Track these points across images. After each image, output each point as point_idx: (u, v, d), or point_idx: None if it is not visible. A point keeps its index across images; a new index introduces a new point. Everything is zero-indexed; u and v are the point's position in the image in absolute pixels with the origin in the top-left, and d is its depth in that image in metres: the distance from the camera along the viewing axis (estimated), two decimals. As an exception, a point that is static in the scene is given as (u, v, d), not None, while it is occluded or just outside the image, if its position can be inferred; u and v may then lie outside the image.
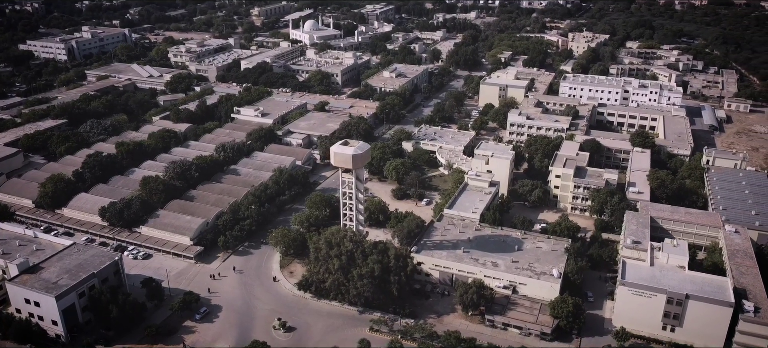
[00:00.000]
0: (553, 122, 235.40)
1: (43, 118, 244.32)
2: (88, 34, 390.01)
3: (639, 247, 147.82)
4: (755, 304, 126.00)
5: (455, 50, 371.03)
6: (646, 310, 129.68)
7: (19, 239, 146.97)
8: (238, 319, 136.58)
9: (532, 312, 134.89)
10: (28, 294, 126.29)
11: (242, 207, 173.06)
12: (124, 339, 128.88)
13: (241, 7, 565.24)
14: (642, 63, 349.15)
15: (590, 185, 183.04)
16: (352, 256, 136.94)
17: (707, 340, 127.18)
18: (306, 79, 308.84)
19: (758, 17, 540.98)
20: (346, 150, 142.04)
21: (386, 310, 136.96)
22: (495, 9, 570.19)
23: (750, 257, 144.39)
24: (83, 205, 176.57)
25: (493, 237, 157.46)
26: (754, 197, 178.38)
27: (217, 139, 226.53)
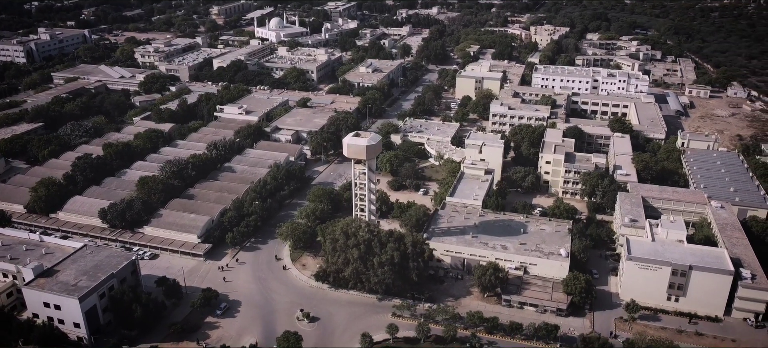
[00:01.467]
0: (534, 111, 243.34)
1: (17, 122, 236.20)
2: (46, 35, 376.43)
3: (636, 224, 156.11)
4: (751, 271, 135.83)
5: (425, 45, 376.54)
6: (652, 282, 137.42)
7: (25, 243, 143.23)
8: (260, 313, 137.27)
9: (545, 290, 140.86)
10: (48, 297, 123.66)
11: (245, 203, 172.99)
12: (146, 338, 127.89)
13: (199, 6, 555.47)
14: (605, 53, 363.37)
15: (580, 169, 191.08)
16: (369, 245, 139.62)
17: (709, 307, 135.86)
18: (282, 76, 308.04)
19: (702, 9, 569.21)
20: (359, 141, 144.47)
21: (404, 297, 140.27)
22: (454, 4, 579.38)
23: (738, 230, 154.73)
24: (80, 208, 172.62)
25: (497, 222, 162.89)
26: (730, 175, 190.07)
27: (203, 137, 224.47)
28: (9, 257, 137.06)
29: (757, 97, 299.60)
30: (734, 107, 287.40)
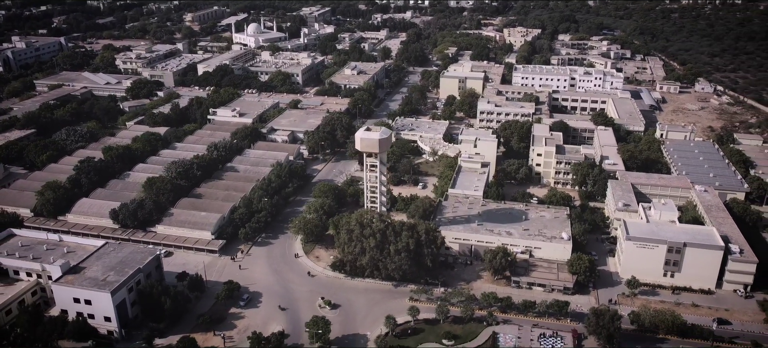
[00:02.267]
0: (520, 108, 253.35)
1: (8, 129, 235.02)
2: (22, 43, 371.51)
3: (629, 208, 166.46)
4: (739, 247, 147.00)
5: (404, 48, 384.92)
6: (649, 260, 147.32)
7: (45, 244, 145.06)
8: (284, 300, 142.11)
9: (551, 271, 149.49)
10: (79, 293, 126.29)
11: (253, 200, 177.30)
12: (173, 330, 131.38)
13: (172, 13, 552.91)
14: (578, 53, 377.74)
15: (571, 160, 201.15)
16: (384, 234, 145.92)
17: (702, 281, 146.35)
18: (268, 80, 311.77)
19: (662, 10, 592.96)
20: (372, 135, 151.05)
21: (419, 282, 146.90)
22: (426, 9, 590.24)
23: (723, 210, 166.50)
24: (88, 210, 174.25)
25: (499, 210, 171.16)
26: (708, 162, 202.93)
27: (200, 139, 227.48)
28: (31, 257, 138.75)
29: (723, 92, 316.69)
30: (703, 101, 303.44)
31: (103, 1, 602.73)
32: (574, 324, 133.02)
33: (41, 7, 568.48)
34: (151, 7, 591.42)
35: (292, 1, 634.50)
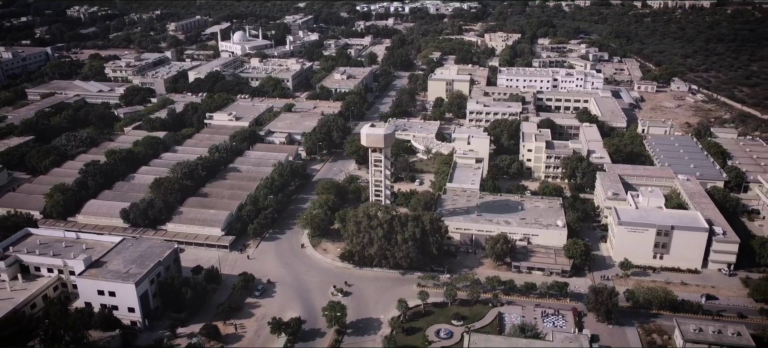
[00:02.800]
0: (507, 107, 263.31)
1: (7, 136, 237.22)
2: (8, 54, 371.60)
3: (619, 197, 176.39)
4: (722, 229, 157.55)
5: (390, 53, 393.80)
6: (639, 243, 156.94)
7: (64, 241, 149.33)
8: (295, 292, 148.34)
9: (549, 256, 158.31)
10: (103, 285, 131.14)
11: (259, 198, 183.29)
12: (194, 320, 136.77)
13: (155, 23, 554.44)
14: (558, 56, 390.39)
15: (560, 154, 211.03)
16: (391, 225, 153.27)
17: (689, 261, 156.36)
18: (259, 85, 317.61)
19: (635, 15, 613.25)
20: (377, 131, 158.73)
21: (425, 270, 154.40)
22: (407, 15, 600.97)
23: (705, 197, 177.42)
24: (98, 210, 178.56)
25: (496, 202, 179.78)
26: (688, 154, 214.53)
27: (199, 143, 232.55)
28: (51, 254, 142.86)
29: (697, 90, 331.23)
30: (679, 99, 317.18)
31: (83, 12, 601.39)
32: (574, 303, 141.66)
33: (21, 18, 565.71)
34: (132, 17, 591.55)
35: (274, 10, 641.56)
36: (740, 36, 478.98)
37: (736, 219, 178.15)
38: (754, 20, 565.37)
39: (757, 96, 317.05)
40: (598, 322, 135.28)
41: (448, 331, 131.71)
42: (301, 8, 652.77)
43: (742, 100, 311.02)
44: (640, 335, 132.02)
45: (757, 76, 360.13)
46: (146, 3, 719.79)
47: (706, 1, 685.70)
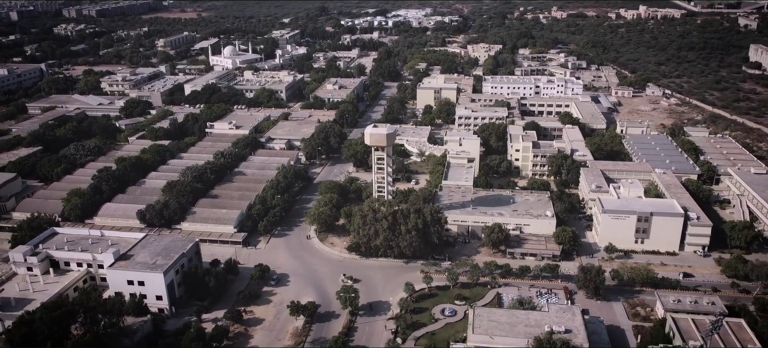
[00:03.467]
0: (493, 112, 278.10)
1: (15, 147, 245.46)
2: (3, 70, 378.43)
3: (602, 189, 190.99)
4: (696, 214, 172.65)
5: (378, 64, 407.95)
6: (622, 229, 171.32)
7: (90, 238, 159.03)
8: (308, 280, 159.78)
9: (540, 243, 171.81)
10: (133, 275, 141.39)
11: (267, 198, 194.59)
12: (216, 307, 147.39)
13: (143, 40, 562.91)
14: (538, 65, 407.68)
15: (546, 153, 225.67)
16: (395, 217, 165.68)
17: (667, 244, 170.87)
18: (254, 96, 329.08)
19: (610, 25, 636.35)
20: (380, 130, 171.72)
21: (427, 258, 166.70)
22: (391, 29, 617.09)
23: (680, 187, 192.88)
24: (114, 213, 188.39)
25: (489, 196, 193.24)
26: (663, 151, 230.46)
27: (203, 150, 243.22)
28: (80, 249, 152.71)
29: (671, 94, 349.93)
30: (654, 103, 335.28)
31: (71, 30, 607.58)
32: (565, 283, 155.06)
33: (9, 36, 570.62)
34: (120, 34, 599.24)
35: (259, 26, 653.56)
36: (710, 44, 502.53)
37: (708, 207, 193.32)
38: (722, 29, 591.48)
39: (726, 99, 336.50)
40: (587, 299, 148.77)
41: (452, 310, 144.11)
42: (286, 24, 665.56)
43: (713, 102, 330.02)
44: (625, 309, 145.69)
45: (726, 80, 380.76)
46: (132, 20, 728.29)
47: (677, 12, 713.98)
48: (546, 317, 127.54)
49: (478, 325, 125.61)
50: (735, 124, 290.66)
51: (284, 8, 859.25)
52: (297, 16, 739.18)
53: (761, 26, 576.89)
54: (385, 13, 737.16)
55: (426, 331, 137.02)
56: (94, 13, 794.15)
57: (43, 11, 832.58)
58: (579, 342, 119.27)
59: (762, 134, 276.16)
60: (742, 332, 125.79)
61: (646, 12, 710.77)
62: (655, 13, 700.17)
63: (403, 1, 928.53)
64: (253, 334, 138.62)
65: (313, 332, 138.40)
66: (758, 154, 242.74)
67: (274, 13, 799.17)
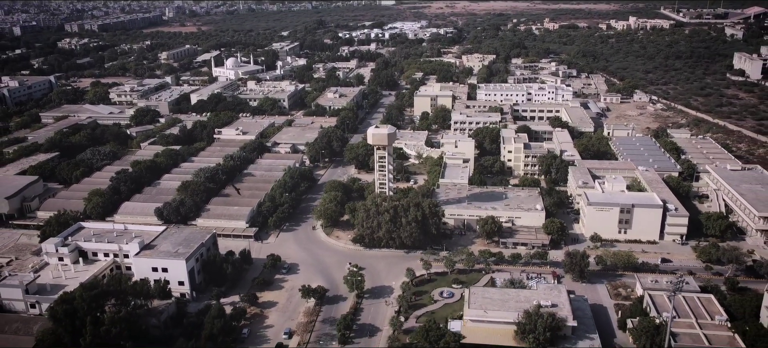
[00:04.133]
0: (487, 117, 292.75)
1: (33, 153, 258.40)
2: (14, 82, 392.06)
3: (588, 185, 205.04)
4: (674, 206, 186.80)
5: (376, 74, 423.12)
6: (606, 221, 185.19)
7: (115, 231, 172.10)
8: (317, 269, 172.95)
9: (530, 233, 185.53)
10: (157, 262, 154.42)
11: (275, 196, 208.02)
12: (232, 292, 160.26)
13: (146, 53, 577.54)
14: (530, 73, 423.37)
15: (537, 154, 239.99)
16: (396, 211, 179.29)
17: (648, 234, 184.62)
18: (258, 105, 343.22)
19: (600, 36, 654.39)
20: (381, 130, 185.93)
21: (425, 249, 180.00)
22: (387, 41, 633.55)
23: (661, 183, 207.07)
24: (133, 210, 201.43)
25: (483, 193, 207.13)
26: (647, 151, 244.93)
27: (212, 154, 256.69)
28: (106, 241, 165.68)
29: (657, 100, 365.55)
30: (641, 109, 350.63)
31: (76, 44, 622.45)
32: (553, 268, 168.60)
33: (15, 50, 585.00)
34: (123, 47, 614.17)
35: (259, 39, 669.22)
36: (696, 53, 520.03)
37: (688, 202, 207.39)
38: (709, 39, 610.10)
39: (709, 104, 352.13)
40: (573, 281, 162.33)
41: (449, 292, 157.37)
42: (285, 36, 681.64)
43: (697, 107, 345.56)
44: (608, 290, 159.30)
45: (710, 87, 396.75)
46: (133, 34, 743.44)
47: (666, 22, 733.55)
48: (534, 294, 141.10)
49: (473, 302, 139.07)
50: (717, 126, 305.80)
51: (282, 22, 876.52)
52: (295, 29, 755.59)
53: (746, 35, 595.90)
54: (381, 25, 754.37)
55: (426, 310, 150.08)
56: (96, 27, 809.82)
57: (46, 26, 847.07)
58: (564, 314, 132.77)
59: (742, 136, 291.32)
60: (711, 305, 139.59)
61: (635, 23, 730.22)
62: (645, 24, 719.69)
63: (399, 13, 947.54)
64: (268, 315, 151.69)
65: (323, 313, 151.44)
66: (737, 154, 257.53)
67: (272, 26, 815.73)
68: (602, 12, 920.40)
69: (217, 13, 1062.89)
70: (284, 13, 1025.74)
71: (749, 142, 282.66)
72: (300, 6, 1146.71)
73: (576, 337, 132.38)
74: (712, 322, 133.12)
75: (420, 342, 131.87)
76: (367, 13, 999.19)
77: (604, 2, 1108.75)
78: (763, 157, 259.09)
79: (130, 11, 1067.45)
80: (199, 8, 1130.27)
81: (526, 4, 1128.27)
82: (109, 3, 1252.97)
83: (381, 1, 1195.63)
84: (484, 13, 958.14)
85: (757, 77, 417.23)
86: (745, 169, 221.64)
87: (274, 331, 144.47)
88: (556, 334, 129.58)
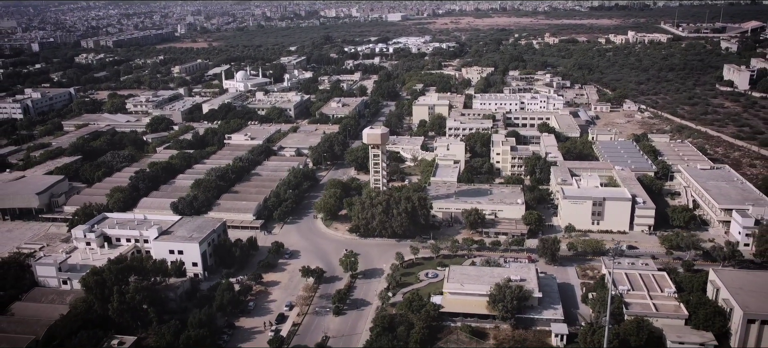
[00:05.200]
0: (480, 124, 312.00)
1: (58, 156, 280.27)
2: (37, 94, 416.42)
3: (566, 182, 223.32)
4: (643, 200, 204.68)
5: (378, 85, 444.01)
6: (580, 213, 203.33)
7: (135, 220, 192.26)
8: (316, 254, 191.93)
9: (511, 224, 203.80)
10: (174, 245, 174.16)
11: (280, 193, 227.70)
12: (240, 273, 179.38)
13: (159, 67, 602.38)
14: (526, 84, 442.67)
15: (523, 155, 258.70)
16: (388, 203, 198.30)
17: (618, 225, 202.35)
18: (266, 114, 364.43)
19: (598, 50, 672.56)
20: (375, 131, 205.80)
21: (415, 238, 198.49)
22: (391, 55, 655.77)
23: (634, 180, 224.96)
24: (150, 205, 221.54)
25: (470, 189, 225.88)
26: (626, 153, 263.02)
27: (223, 157, 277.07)
28: (129, 228, 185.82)
29: (645, 109, 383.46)
30: (629, 117, 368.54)
31: (92, 59, 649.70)
32: (529, 254, 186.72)
33: (36, 65, 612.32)
34: (137, 62, 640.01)
35: (267, 54, 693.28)
36: (690, 65, 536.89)
37: (660, 198, 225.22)
38: (704, 51, 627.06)
39: (695, 112, 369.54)
40: (546, 265, 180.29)
41: (434, 274, 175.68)
42: (293, 51, 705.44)
43: (682, 115, 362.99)
44: (577, 272, 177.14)
45: (699, 96, 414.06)
46: (147, 50, 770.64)
47: (664, 36, 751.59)
48: (506, 271, 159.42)
49: (451, 277, 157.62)
50: (698, 132, 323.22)
51: (291, 37, 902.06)
52: (303, 44, 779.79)
53: (740, 49, 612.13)
54: (386, 40, 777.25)
55: (412, 288, 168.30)
56: (111, 43, 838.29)
57: (63, 42, 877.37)
58: (531, 287, 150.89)
59: (721, 141, 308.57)
60: (663, 281, 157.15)
61: (634, 37, 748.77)
62: (643, 38, 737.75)
63: (404, 29, 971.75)
64: (271, 291, 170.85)
65: (321, 290, 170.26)
66: (713, 157, 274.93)
67: (281, 42, 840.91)
68: (603, 27, 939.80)
69: (228, 30, 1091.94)
70: (293, 30, 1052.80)
71: (727, 146, 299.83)
72: (308, 22, 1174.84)
73: (541, 307, 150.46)
74: (662, 294, 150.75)
75: (404, 312, 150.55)
76: (374, 28, 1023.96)
77: (606, 18, 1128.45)
78: (738, 160, 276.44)
79: (144, 28, 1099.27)
80: (210, 25, 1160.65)
81: (530, 19, 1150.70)
82: (123, 20, 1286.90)
83: (387, 17, 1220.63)
84: (487, 28, 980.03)
85: (744, 87, 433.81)
86: (714, 168, 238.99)
87: (277, 304, 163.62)
88: (523, 303, 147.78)
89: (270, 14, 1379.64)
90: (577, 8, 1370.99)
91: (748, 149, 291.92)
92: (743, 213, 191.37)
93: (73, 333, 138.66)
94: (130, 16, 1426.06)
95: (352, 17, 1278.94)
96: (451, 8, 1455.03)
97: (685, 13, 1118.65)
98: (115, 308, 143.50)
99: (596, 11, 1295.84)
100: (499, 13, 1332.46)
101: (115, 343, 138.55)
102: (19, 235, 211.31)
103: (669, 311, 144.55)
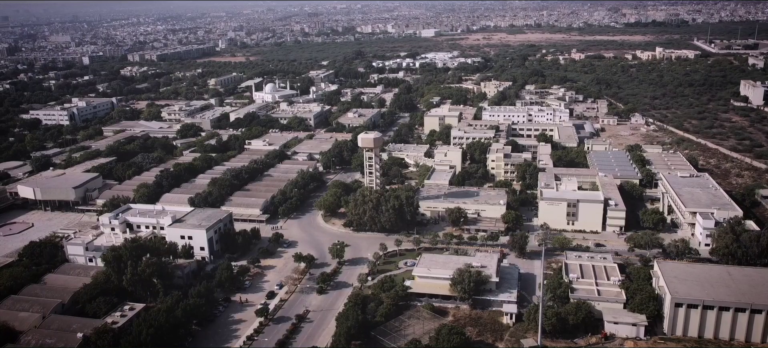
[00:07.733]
0: (483, 133, 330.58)
1: (95, 157, 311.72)
2: (82, 103, 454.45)
3: (548, 185, 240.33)
4: (615, 202, 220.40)
5: (396, 98, 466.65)
6: (557, 213, 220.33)
7: (155, 211, 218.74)
8: (312, 244, 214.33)
9: (491, 222, 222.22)
10: (184, 231, 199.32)
11: (287, 192, 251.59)
12: (243, 258, 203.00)
13: (197, 79, 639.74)
14: (538, 98, 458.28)
15: (515, 162, 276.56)
16: (379, 200, 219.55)
17: (592, 225, 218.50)
18: (287, 123, 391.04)
19: (622, 66, 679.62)
20: (368, 135, 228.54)
21: (401, 233, 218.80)
22: (417, 69, 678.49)
23: (613, 185, 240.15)
24: (171, 200, 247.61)
25: (459, 191, 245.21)
26: (616, 162, 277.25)
27: (241, 160, 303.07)
28: (148, 216, 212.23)
29: (651, 122, 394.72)
30: (634, 129, 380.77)
31: (136, 72, 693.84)
32: (501, 247, 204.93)
33: (84, 77, 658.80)
34: (177, 74, 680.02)
35: (300, 67, 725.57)
36: (710, 81, 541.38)
37: (640, 203, 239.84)
38: (729, 67, 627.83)
39: (700, 126, 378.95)
40: (516, 258, 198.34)
41: (412, 262, 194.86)
42: (324, 65, 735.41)
43: (687, 129, 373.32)
44: (544, 264, 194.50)
45: (709, 111, 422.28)
46: (188, 63, 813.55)
47: (692, 52, 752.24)
48: (471, 259, 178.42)
49: (421, 263, 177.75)
50: (697, 145, 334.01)
51: (325, 52, 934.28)
52: (335, 59, 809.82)
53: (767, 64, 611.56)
54: (415, 55, 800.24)
55: (390, 274, 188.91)
56: (155, 57, 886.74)
57: (111, 56, 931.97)
58: (489, 273, 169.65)
59: (717, 153, 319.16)
60: (613, 272, 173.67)
61: (661, 53, 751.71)
62: (670, 54, 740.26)
63: (436, 44, 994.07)
64: (267, 274, 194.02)
65: (310, 274, 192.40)
66: (704, 167, 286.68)
67: (315, 56, 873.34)
68: (634, 43, 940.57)
69: (266, 45, 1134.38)
70: (328, 45, 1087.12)
71: (721, 157, 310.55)
72: (343, 38, 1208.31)
73: (498, 291, 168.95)
74: (608, 282, 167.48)
75: (376, 291, 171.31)
76: (406, 43, 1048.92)
77: (640, 34, 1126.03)
78: (727, 170, 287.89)
79: (187, 43, 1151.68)
80: (249, 40, 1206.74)
81: (562, 36, 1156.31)
82: (169, 36, 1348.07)
83: (421, 33, 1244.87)
84: (518, 44, 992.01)
85: (758, 103, 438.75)
86: (694, 176, 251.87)
87: (269, 284, 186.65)
88: (482, 287, 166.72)
89: (308, 30, 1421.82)
90: (613, 24, 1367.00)
91: (741, 161, 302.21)
92: (706, 216, 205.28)
93: (92, 298, 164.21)
94: (176, 31, 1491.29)
95: (387, 33, 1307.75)
96: (485, 24, 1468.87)
97: (722, 29, 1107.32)
98: (129, 279, 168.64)
99: (631, 27, 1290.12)
100: (533, 29, 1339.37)
101: (127, 308, 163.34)
102: (56, 223, 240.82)
103: (610, 296, 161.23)
